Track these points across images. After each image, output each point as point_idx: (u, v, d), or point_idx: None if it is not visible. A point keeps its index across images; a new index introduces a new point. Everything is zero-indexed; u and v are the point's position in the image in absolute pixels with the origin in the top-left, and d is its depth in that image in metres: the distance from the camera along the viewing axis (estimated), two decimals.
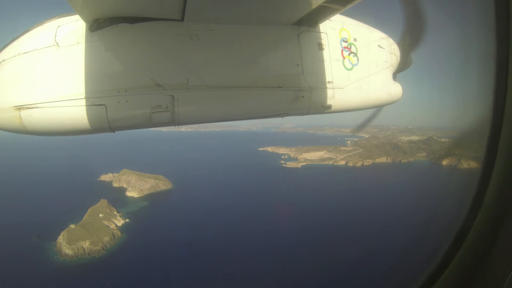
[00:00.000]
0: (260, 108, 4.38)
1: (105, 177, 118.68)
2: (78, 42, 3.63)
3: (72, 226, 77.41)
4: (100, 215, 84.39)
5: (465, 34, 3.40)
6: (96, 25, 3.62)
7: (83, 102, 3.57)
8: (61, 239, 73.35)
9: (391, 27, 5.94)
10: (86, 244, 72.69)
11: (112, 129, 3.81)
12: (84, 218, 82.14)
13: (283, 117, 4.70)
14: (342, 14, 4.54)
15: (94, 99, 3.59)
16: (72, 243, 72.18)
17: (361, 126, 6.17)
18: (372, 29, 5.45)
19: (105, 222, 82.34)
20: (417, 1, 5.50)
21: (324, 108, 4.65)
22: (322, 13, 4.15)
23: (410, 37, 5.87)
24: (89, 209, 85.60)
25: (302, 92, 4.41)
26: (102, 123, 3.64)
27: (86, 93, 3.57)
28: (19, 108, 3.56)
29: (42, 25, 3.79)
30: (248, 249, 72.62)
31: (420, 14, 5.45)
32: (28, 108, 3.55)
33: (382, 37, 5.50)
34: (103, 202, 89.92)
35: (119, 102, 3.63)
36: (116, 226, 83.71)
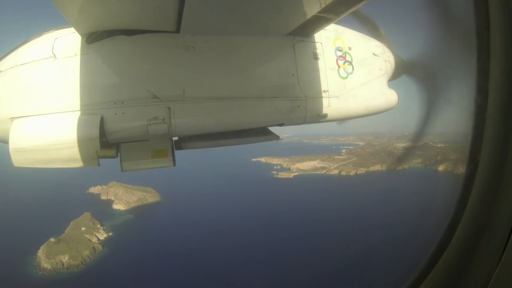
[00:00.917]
0: (256, 118, 4.37)
1: (94, 190, 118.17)
2: (75, 54, 3.65)
3: (52, 239, 76.67)
4: (82, 228, 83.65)
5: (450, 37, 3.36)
6: (93, 37, 3.64)
7: (80, 114, 3.55)
8: (41, 252, 72.61)
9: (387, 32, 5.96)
10: (65, 259, 71.86)
11: (108, 142, 3.73)
12: (65, 231, 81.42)
13: (280, 127, 4.66)
14: (337, 23, 4.57)
15: (91, 111, 3.57)
16: (51, 257, 71.43)
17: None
18: (367, 37, 5.46)
19: (87, 236, 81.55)
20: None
21: (320, 117, 4.62)
22: (317, 23, 4.17)
23: (419, 69, 5.80)
24: (71, 222, 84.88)
25: (298, 101, 4.40)
26: (98, 136, 3.49)
27: (83, 105, 3.58)
28: (15, 119, 3.56)
29: (39, 37, 3.82)
30: (235, 263, 71.36)
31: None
32: (24, 118, 3.55)
33: (377, 45, 5.48)
34: (86, 215, 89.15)
35: (115, 114, 3.62)
36: (98, 240, 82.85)
